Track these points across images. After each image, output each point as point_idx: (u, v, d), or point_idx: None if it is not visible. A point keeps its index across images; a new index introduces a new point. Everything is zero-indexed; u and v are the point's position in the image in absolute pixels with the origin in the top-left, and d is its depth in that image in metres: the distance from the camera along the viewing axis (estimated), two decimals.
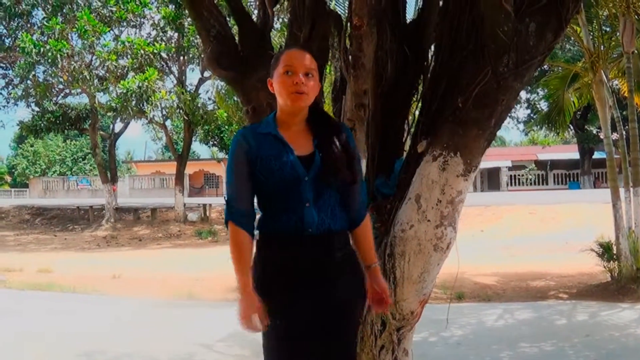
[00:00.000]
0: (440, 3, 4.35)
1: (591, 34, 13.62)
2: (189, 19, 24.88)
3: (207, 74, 31.08)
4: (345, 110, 4.36)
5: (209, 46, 4.74)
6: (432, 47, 4.41)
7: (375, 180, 4.26)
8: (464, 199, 3.82)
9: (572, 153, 54.73)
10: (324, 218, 3.17)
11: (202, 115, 29.76)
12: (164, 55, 28.26)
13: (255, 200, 3.29)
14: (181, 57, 30.39)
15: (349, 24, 4.34)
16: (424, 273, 3.82)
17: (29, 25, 28.91)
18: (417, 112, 4.36)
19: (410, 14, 5.16)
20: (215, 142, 36.57)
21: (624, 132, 13.69)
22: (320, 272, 3.16)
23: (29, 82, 28.49)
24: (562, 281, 13.47)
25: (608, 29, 13.81)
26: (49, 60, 24.82)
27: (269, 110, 4.38)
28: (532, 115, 49.61)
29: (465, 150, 3.72)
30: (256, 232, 3.27)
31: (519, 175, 57.25)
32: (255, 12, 5.85)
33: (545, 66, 22.41)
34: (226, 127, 31.86)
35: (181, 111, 28.78)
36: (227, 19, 5.13)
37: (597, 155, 49.28)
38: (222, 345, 8.26)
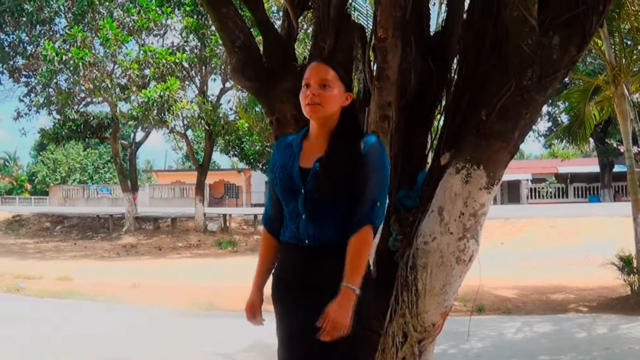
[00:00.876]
0: (464, 15, 4.36)
1: (613, 47, 13.58)
2: (210, 29, 25.02)
3: (228, 84, 31.19)
4: (369, 122, 4.37)
5: (233, 57, 4.77)
6: (456, 60, 4.43)
7: (398, 192, 4.27)
8: (486, 211, 3.81)
9: (592, 166, 54.33)
10: (324, 231, 3.18)
11: (223, 125, 29.80)
12: (185, 64, 28.35)
13: None
14: (203, 67, 30.52)
15: (373, 36, 4.36)
16: (446, 285, 3.81)
17: (51, 32, 29.16)
18: (440, 125, 4.37)
19: (433, 26, 5.18)
20: (235, 153, 36.56)
21: None
22: (314, 282, 3.18)
23: (50, 90, 28.51)
24: (582, 294, 13.41)
25: (630, 42, 13.77)
26: (71, 69, 24.88)
27: (293, 121, 4.42)
28: (552, 128, 49.33)
29: (489, 163, 3.72)
30: None
31: (539, 188, 57.14)
32: (278, 23, 5.88)
33: (566, 79, 22.35)
34: (247, 137, 31.89)
35: (202, 121, 28.81)
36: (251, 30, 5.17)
37: (617, 168, 48.96)
38: (244, 355, 8.28)
